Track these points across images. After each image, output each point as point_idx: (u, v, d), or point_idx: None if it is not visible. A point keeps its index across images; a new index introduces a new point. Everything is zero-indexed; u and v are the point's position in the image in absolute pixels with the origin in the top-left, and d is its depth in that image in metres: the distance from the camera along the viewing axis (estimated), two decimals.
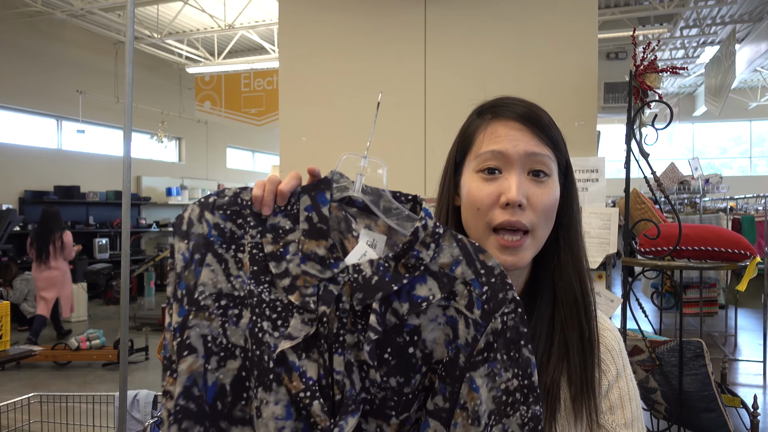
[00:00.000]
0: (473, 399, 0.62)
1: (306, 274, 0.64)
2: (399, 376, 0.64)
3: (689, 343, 2.02)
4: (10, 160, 8.54)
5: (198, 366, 0.63)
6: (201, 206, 0.68)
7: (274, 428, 0.62)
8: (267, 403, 0.62)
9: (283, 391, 0.62)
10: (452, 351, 0.65)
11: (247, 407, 0.64)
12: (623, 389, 0.79)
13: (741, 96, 13.56)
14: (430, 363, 0.65)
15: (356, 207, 0.68)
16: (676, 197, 6.20)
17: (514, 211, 0.73)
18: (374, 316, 0.62)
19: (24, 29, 8.65)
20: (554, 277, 0.78)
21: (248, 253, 0.66)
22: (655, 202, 3.13)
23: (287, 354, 0.62)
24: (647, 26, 9.18)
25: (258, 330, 0.64)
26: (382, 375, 0.64)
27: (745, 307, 6.20)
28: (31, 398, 2.35)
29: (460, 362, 0.64)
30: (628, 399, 0.78)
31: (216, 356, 0.64)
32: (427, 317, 0.65)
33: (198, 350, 0.63)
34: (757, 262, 2.00)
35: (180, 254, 0.66)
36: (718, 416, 2.02)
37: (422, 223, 0.65)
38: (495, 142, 0.75)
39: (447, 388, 0.64)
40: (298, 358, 0.63)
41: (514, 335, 0.64)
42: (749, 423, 2.17)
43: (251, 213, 0.67)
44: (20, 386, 4.66)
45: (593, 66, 2.23)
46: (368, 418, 0.65)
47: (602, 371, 0.78)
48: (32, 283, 6.72)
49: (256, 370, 0.63)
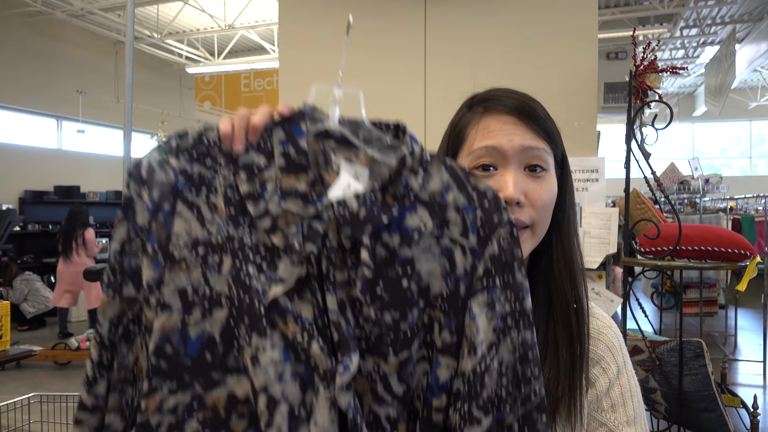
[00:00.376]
0: (470, 328, 0.60)
1: (287, 213, 0.59)
2: (394, 310, 0.61)
3: (689, 343, 2.02)
4: (11, 160, 8.54)
5: (173, 322, 0.60)
6: (162, 151, 0.63)
7: (274, 373, 0.59)
8: (264, 349, 0.59)
9: (278, 335, 0.59)
10: (451, 283, 0.62)
11: (239, 356, 0.61)
12: (624, 386, 0.78)
13: (741, 96, 13.56)
14: (428, 298, 0.62)
15: (334, 140, 0.63)
16: (676, 197, 6.20)
17: (512, 209, 0.71)
18: (366, 252, 0.59)
19: (24, 29, 8.65)
20: (546, 276, 0.77)
21: (222, 196, 0.61)
22: (655, 202, 3.13)
23: (279, 300, 0.59)
24: (647, 26, 9.18)
25: (244, 276, 0.60)
26: (376, 311, 0.61)
27: (745, 307, 6.21)
28: (31, 398, 2.35)
29: (461, 293, 0.61)
30: (629, 396, 0.78)
31: (200, 307, 0.61)
32: (420, 248, 0.61)
33: (172, 306, 0.60)
34: (757, 262, 2.00)
35: (142, 205, 0.61)
36: (718, 416, 2.02)
37: (409, 150, 0.61)
38: (488, 137, 0.73)
39: (452, 321, 0.61)
40: (290, 300, 0.59)
41: (509, 258, 0.62)
42: (749, 423, 2.17)
43: (221, 152, 0.62)
44: (20, 386, 4.66)
45: (593, 66, 2.22)
46: (365, 356, 0.61)
47: (603, 369, 0.78)
48: (32, 283, 6.73)
49: (247, 317, 0.59)
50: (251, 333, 0.59)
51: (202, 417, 0.60)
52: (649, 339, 2.10)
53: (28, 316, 6.74)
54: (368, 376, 0.61)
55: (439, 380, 0.61)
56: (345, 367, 0.58)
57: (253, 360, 0.59)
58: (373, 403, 0.61)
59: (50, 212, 8.62)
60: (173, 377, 0.60)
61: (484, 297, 0.61)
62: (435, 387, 0.61)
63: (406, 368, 0.61)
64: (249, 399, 0.60)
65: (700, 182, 5.93)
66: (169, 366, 0.60)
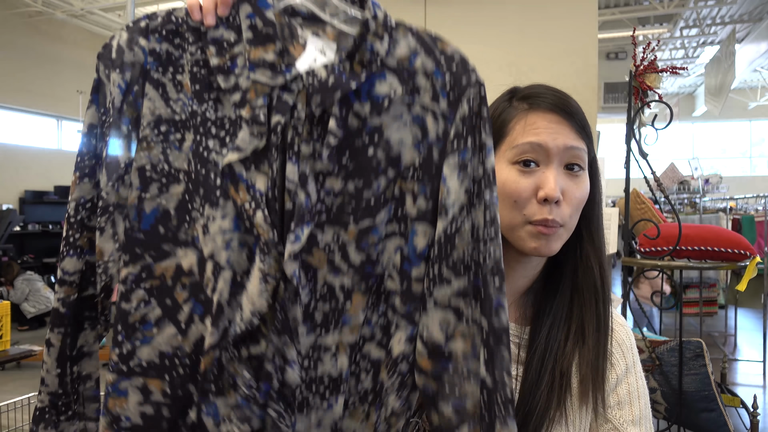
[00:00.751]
0: (441, 191, 0.61)
1: (256, 84, 0.59)
2: (358, 179, 0.61)
3: (689, 343, 2.02)
4: (11, 160, 8.54)
5: (132, 199, 0.63)
6: (131, 31, 0.63)
7: (221, 241, 0.60)
8: (214, 218, 0.61)
9: (230, 205, 0.60)
10: (424, 150, 0.62)
11: (189, 230, 0.63)
12: (632, 385, 0.78)
13: (741, 96, 13.56)
14: (399, 168, 0.62)
15: (301, 16, 0.63)
16: (676, 197, 6.21)
17: (551, 208, 0.73)
18: (333, 121, 0.59)
19: (24, 29, 8.65)
20: (576, 265, 0.79)
21: (188, 73, 0.62)
22: (655, 202, 3.13)
23: (234, 167, 0.60)
24: (647, 26, 9.19)
25: (203, 149, 0.62)
26: (340, 181, 0.61)
27: (745, 307, 6.20)
28: (31, 398, 2.34)
29: (435, 159, 0.62)
30: (637, 396, 0.78)
31: (157, 183, 0.63)
32: (391, 116, 0.61)
33: (132, 184, 0.63)
34: (757, 262, 2.00)
35: (112, 87, 0.62)
36: (718, 416, 2.02)
37: (372, 14, 0.61)
38: (533, 134, 0.74)
39: (427, 187, 0.62)
40: (246, 170, 0.60)
41: (477, 120, 0.62)
42: (749, 423, 2.17)
43: (189, 29, 0.63)
44: (20, 386, 4.66)
45: (593, 66, 2.23)
46: (324, 228, 0.61)
47: (611, 364, 0.78)
48: (34, 283, 6.72)
49: (203, 189, 0.62)
50: (204, 204, 0.61)
51: (149, 285, 0.63)
52: (649, 339, 2.10)
53: (28, 316, 6.73)
54: (326, 248, 0.62)
55: (416, 249, 0.62)
56: (296, 237, 0.59)
57: (204, 229, 0.61)
58: (328, 274, 0.62)
59: (50, 212, 8.62)
60: (127, 251, 0.63)
61: (455, 159, 0.61)
62: (413, 257, 0.62)
63: (367, 238, 0.62)
64: (192, 271, 0.63)
65: (700, 182, 5.94)
66: (126, 240, 0.63)
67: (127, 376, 0.63)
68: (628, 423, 0.76)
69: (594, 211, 0.80)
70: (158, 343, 0.63)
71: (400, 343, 0.62)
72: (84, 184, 0.65)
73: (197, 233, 0.62)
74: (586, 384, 0.75)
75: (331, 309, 0.62)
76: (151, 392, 0.63)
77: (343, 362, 0.62)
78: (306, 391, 0.62)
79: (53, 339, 0.66)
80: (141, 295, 0.63)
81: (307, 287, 0.61)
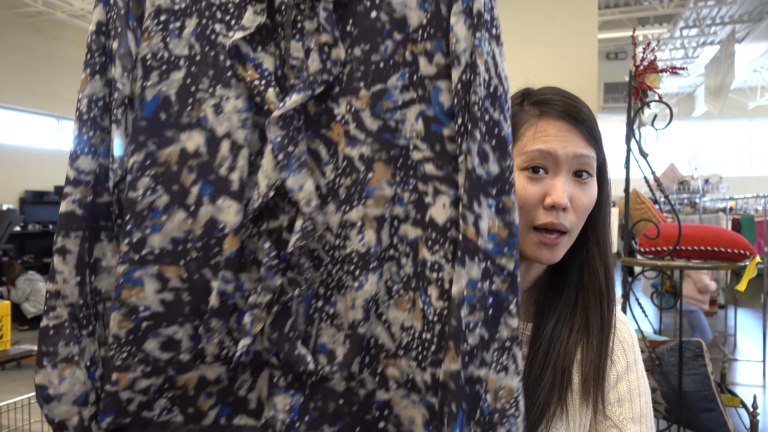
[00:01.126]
0: (451, 41, 0.60)
1: None
2: (363, 44, 0.61)
3: (689, 343, 2.02)
4: (11, 160, 8.55)
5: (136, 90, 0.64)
6: None
7: (237, 120, 0.62)
8: (228, 98, 0.62)
9: (243, 85, 0.62)
10: (431, 6, 0.60)
11: (193, 111, 0.63)
12: (633, 383, 0.79)
13: (740, 96, 13.56)
14: (406, 31, 0.61)
15: None
16: (676, 197, 6.21)
17: (558, 214, 0.74)
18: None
19: (24, 29, 8.65)
20: (582, 266, 0.80)
21: None
22: (654, 202, 3.13)
23: (241, 47, 0.61)
24: (647, 26, 9.19)
25: (210, 33, 0.63)
26: (346, 49, 0.61)
27: (745, 307, 6.21)
28: (31, 398, 2.35)
29: (443, 12, 0.60)
30: (637, 394, 0.78)
31: (157, 71, 0.64)
32: None
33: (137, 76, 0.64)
34: (757, 262, 2.01)
35: None
36: (718, 416, 2.02)
37: None
38: (543, 141, 0.75)
39: (441, 42, 0.60)
40: (253, 50, 0.62)
41: None
42: (749, 423, 2.18)
43: None
44: (20, 386, 4.66)
45: (593, 66, 2.23)
46: (338, 100, 0.61)
47: (612, 362, 0.79)
48: (35, 283, 6.72)
49: (212, 70, 0.63)
50: (216, 85, 0.63)
51: (154, 173, 0.63)
52: (648, 339, 2.10)
53: (29, 316, 6.74)
54: (341, 119, 0.61)
55: (443, 107, 0.60)
56: (283, 103, 0.59)
57: (216, 108, 0.62)
58: (346, 147, 0.61)
59: (51, 212, 8.62)
60: (132, 140, 0.63)
61: (459, 5, 0.59)
62: (441, 115, 0.60)
63: (380, 103, 0.61)
64: (200, 152, 0.63)
65: (699, 182, 5.94)
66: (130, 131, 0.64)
67: (141, 265, 0.63)
68: (628, 420, 0.76)
69: (601, 214, 0.81)
70: (169, 230, 0.63)
71: (445, 209, 0.60)
72: (95, 81, 0.65)
73: (205, 113, 0.63)
74: (588, 381, 0.75)
75: (353, 182, 0.61)
76: (168, 279, 0.63)
77: (370, 237, 0.60)
78: (339, 270, 0.62)
79: (69, 245, 0.63)
80: (147, 183, 0.63)
81: (330, 163, 0.62)
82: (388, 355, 0.62)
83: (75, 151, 0.64)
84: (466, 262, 0.57)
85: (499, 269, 0.58)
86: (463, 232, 0.57)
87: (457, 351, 0.56)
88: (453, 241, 0.60)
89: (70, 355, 0.63)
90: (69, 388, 0.63)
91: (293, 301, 0.63)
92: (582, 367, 0.76)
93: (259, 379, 0.66)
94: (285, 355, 0.62)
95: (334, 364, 0.61)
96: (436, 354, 0.60)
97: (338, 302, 0.62)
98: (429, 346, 0.60)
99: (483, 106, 0.57)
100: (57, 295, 0.64)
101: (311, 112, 0.63)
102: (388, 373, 0.62)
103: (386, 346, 0.62)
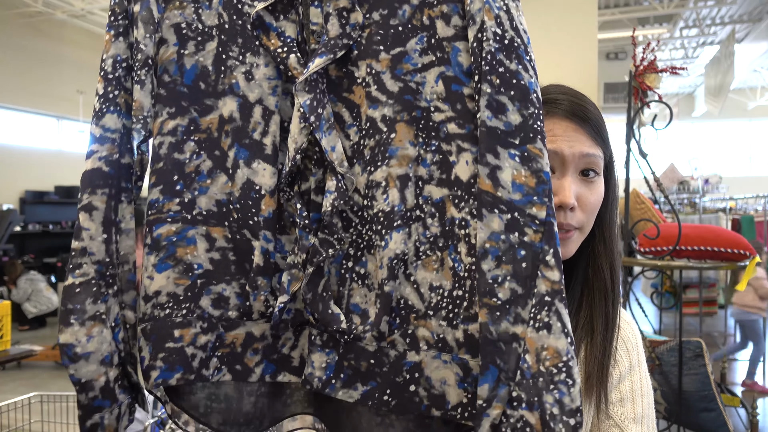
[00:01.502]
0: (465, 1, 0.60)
1: None
2: (382, 9, 0.62)
3: (689, 343, 2.02)
4: (11, 161, 8.54)
5: (169, 54, 0.67)
6: None
7: (268, 87, 0.66)
8: (257, 65, 0.66)
9: (270, 55, 0.65)
10: None
11: (225, 78, 0.67)
12: (636, 383, 0.79)
13: (740, 96, 13.56)
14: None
15: None
16: (676, 197, 6.21)
17: (566, 214, 0.74)
18: None
19: (24, 29, 8.65)
20: (587, 264, 0.81)
21: None
22: (654, 202, 3.13)
23: (264, 17, 0.64)
24: (647, 26, 9.19)
25: (237, 1, 0.66)
26: (365, 13, 0.63)
27: None
28: (31, 398, 2.35)
29: None
30: (640, 394, 0.78)
31: (193, 41, 0.67)
32: None
33: (168, 40, 0.67)
34: (757, 262, 2.01)
35: None
36: (718, 416, 2.02)
37: None
38: (551, 141, 0.75)
39: (458, 4, 0.61)
40: (275, 20, 0.65)
41: None
42: (749, 423, 2.18)
43: None
44: (21, 386, 4.66)
45: (593, 66, 2.23)
46: (358, 63, 0.63)
47: (615, 361, 0.78)
48: (36, 283, 6.72)
49: (241, 39, 0.66)
50: (246, 52, 0.66)
51: (198, 138, 0.67)
52: (648, 339, 2.10)
53: (29, 316, 6.73)
54: (362, 82, 0.63)
55: (462, 67, 0.61)
56: (307, 67, 0.61)
57: (247, 75, 0.66)
58: (368, 109, 0.62)
59: (51, 212, 8.62)
60: (172, 103, 0.67)
61: None
62: (461, 75, 0.61)
63: (400, 65, 0.62)
64: (233, 117, 0.66)
65: (699, 182, 5.94)
66: (167, 93, 0.67)
67: (192, 224, 0.66)
68: (630, 420, 0.76)
69: (608, 212, 0.81)
70: (214, 192, 0.67)
71: (468, 165, 0.60)
72: (119, 42, 0.66)
73: (236, 80, 0.66)
74: (591, 379, 0.75)
75: (376, 143, 0.62)
76: (215, 239, 0.67)
77: (394, 196, 0.61)
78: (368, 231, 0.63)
79: (96, 201, 0.63)
80: (192, 147, 0.67)
81: (354, 125, 0.64)
82: (418, 316, 0.62)
83: (101, 110, 0.65)
84: (484, 215, 0.56)
85: (530, 219, 0.56)
86: (479, 186, 0.57)
87: (481, 304, 0.55)
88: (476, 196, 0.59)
89: (97, 313, 0.63)
90: (97, 347, 0.63)
91: (326, 262, 0.64)
92: (585, 365, 0.76)
93: (301, 337, 0.68)
94: (320, 315, 0.62)
95: (366, 324, 0.62)
96: (468, 310, 0.59)
97: (369, 262, 0.64)
98: (461, 303, 0.60)
99: (496, 59, 0.57)
100: (84, 252, 0.63)
101: (333, 76, 0.64)
102: (418, 334, 0.62)
103: (416, 307, 0.62)
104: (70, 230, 8.77)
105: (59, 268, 7.51)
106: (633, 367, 0.79)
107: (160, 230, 0.66)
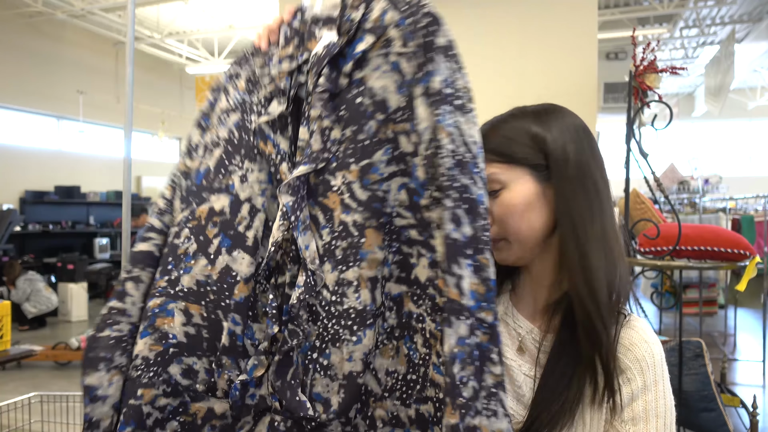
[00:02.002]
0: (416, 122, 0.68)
1: (280, 72, 0.76)
2: (352, 125, 0.71)
3: (689, 343, 2.02)
4: (11, 160, 8.54)
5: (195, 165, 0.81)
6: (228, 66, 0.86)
7: (258, 189, 0.76)
8: (252, 170, 0.77)
9: (265, 162, 0.76)
10: (407, 90, 0.69)
11: (224, 179, 0.77)
12: (650, 403, 0.75)
13: (740, 96, 13.55)
14: (386, 113, 0.70)
15: (321, 20, 0.76)
16: (676, 197, 6.21)
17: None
18: (323, 78, 0.72)
19: (24, 29, 8.65)
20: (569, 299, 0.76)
21: (244, 80, 0.81)
22: (654, 202, 3.13)
23: (264, 129, 0.76)
24: (647, 26, 9.18)
25: (246, 122, 0.79)
26: (341, 130, 0.72)
27: (744, 307, 6.21)
28: (31, 398, 2.35)
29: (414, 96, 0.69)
30: (654, 415, 0.75)
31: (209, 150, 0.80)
32: (370, 67, 0.71)
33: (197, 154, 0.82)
34: (757, 262, 2.01)
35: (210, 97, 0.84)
36: (718, 416, 2.02)
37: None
38: None
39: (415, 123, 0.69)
40: (273, 133, 0.76)
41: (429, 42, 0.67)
42: (749, 423, 2.18)
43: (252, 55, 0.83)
44: (21, 386, 4.66)
45: (593, 66, 2.23)
46: (335, 174, 0.72)
47: (628, 379, 0.75)
48: (35, 283, 6.72)
49: (243, 149, 0.78)
50: (245, 159, 0.77)
51: (191, 225, 0.78)
52: None
53: (29, 316, 6.73)
54: (338, 190, 0.72)
55: (419, 180, 0.69)
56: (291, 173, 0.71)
57: (242, 178, 0.77)
58: (342, 214, 0.71)
59: (51, 212, 8.62)
60: (184, 200, 0.80)
61: (420, 88, 0.67)
62: (419, 188, 0.69)
63: (368, 175, 0.70)
64: (223, 211, 0.76)
65: (699, 182, 5.94)
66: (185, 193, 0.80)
67: (174, 298, 0.75)
68: None
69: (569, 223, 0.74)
70: (195, 273, 0.75)
71: (425, 269, 0.69)
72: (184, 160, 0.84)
73: (233, 182, 0.77)
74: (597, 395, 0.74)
75: (348, 245, 0.70)
76: (192, 315, 0.75)
77: (366, 296, 0.69)
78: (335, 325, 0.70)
79: (144, 276, 0.77)
80: (186, 233, 0.77)
81: (327, 227, 0.72)
82: (376, 398, 0.70)
83: (164, 209, 0.80)
84: (453, 322, 0.63)
85: (480, 323, 0.63)
86: (447, 295, 0.63)
87: (453, 406, 0.61)
88: (431, 297, 0.68)
89: (120, 365, 0.73)
90: (114, 392, 0.73)
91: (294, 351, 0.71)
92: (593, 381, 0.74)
93: (260, 423, 0.74)
94: (287, 402, 0.69)
95: (330, 412, 0.69)
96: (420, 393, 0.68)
97: (332, 354, 0.70)
98: (414, 386, 0.69)
99: (451, 175, 0.64)
100: (123, 312, 0.75)
101: (311, 182, 0.74)
102: (376, 415, 0.70)
103: (374, 391, 0.71)
104: (69, 230, 8.78)
105: (59, 268, 7.50)
106: (648, 387, 0.76)
107: (150, 303, 0.76)
